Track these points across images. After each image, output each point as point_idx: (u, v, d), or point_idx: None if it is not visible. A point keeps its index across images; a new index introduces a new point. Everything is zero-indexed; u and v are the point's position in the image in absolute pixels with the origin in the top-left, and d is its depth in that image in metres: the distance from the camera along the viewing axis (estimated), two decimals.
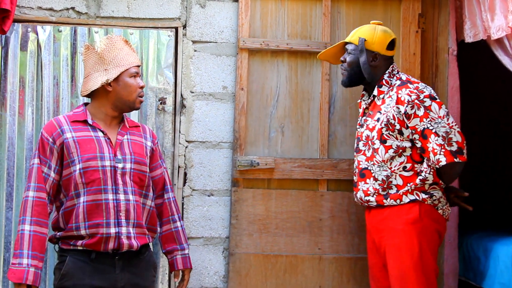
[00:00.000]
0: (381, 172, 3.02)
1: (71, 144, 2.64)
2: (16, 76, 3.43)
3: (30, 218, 2.56)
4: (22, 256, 2.52)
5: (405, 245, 2.95)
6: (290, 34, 3.61)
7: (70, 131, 2.66)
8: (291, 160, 3.54)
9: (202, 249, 3.53)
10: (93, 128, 2.70)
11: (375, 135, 3.03)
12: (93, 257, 2.61)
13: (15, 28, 3.42)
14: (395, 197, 3.00)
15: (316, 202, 3.52)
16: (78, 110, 2.76)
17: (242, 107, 3.53)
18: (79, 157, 2.62)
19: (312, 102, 3.60)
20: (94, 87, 2.68)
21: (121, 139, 2.74)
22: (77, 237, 2.61)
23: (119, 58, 2.71)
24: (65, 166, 2.65)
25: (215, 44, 3.59)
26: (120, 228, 2.63)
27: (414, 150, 3.01)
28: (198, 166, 3.54)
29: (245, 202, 3.51)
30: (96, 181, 2.62)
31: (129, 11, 3.56)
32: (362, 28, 3.17)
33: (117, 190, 2.65)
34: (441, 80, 3.65)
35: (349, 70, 3.13)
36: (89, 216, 2.60)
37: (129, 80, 2.72)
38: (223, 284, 3.53)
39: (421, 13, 3.63)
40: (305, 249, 3.52)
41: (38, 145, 2.66)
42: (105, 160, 2.65)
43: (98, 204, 2.62)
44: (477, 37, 3.39)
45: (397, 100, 2.97)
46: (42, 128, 2.70)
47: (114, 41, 2.74)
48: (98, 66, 2.70)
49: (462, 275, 3.99)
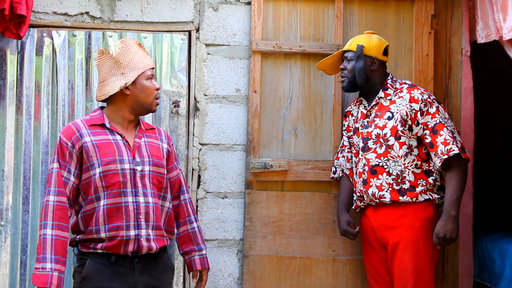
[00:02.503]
0: (396, 167, 3.13)
1: (90, 148, 2.65)
2: (32, 80, 3.47)
3: (52, 222, 2.57)
4: (45, 261, 2.53)
5: (422, 241, 3.10)
6: (303, 36, 3.62)
7: (89, 135, 2.67)
8: (305, 162, 3.54)
9: (216, 251, 3.54)
10: (111, 131, 2.71)
11: (388, 132, 3.15)
12: (113, 260, 2.62)
13: (30, 33, 3.46)
14: (411, 195, 3.11)
15: (329, 204, 3.52)
16: (95, 114, 2.77)
17: (255, 110, 3.55)
18: (98, 161, 2.63)
19: (325, 104, 3.60)
20: (112, 91, 2.69)
21: (139, 142, 2.76)
22: (97, 240, 2.62)
23: (135, 61, 2.73)
24: (84, 170, 2.65)
25: (228, 47, 3.61)
26: (140, 231, 2.64)
27: (421, 148, 3.15)
28: (212, 168, 3.56)
29: (259, 204, 3.52)
30: (116, 184, 2.64)
31: (143, 15, 3.58)
32: (359, 37, 3.31)
33: (136, 192, 2.67)
34: (454, 81, 3.64)
35: (350, 77, 3.24)
36: (109, 219, 2.61)
37: (146, 82, 2.74)
38: (237, 286, 3.54)
39: (434, 14, 3.62)
40: (319, 250, 3.52)
41: (57, 150, 2.66)
42: (124, 163, 2.66)
43: (118, 207, 2.63)
44: (489, 37, 3.37)
45: (411, 99, 3.14)
46: (60, 133, 2.70)
47: (129, 45, 2.75)
48: (114, 70, 2.71)
49: (477, 276, 3.98)
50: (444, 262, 3.54)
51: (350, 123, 3.40)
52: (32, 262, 3.39)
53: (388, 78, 3.28)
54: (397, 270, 3.11)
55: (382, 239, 3.19)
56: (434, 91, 3.57)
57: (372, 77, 3.25)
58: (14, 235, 3.41)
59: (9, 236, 3.40)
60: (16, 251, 3.40)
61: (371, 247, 3.26)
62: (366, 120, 3.26)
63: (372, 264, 3.26)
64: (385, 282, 3.22)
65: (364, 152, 3.21)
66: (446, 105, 3.62)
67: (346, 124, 3.43)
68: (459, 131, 3.57)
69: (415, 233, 3.10)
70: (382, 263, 3.22)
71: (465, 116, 3.57)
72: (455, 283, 3.55)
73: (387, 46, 3.30)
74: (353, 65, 3.23)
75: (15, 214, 3.41)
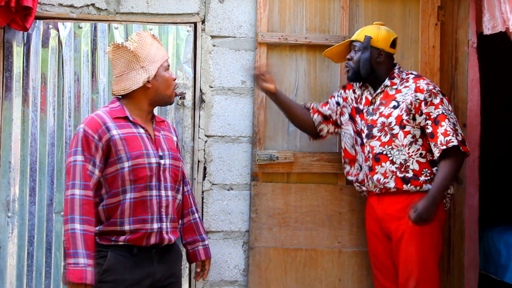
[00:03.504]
0: (400, 156, 3.14)
1: (118, 141, 2.62)
2: (38, 72, 3.48)
3: (79, 216, 2.54)
4: (78, 256, 2.50)
5: (427, 231, 3.10)
6: (309, 28, 3.61)
7: (116, 128, 2.64)
8: (310, 154, 3.54)
9: (222, 243, 3.55)
10: (134, 124, 2.70)
11: (392, 121, 3.15)
12: (135, 252, 2.64)
13: (36, 25, 3.47)
14: (415, 184, 3.12)
15: (335, 196, 3.53)
16: (114, 106, 2.73)
17: (261, 102, 3.55)
18: (127, 154, 2.62)
19: None
20: (135, 86, 2.68)
21: (158, 135, 2.77)
22: (120, 232, 2.62)
23: (152, 53, 2.72)
24: (110, 163, 2.63)
25: (234, 39, 3.61)
26: (162, 224, 2.67)
27: (425, 138, 3.16)
28: (218, 160, 3.56)
29: (265, 196, 3.53)
30: (143, 178, 2.64)
31: (148, 6, 3.58)
32: (367, 27, 3.30)
33: (159, 186, 2.69)
34: (460, 72, 3.63)
35: (355, 68, 3.24)
36: (134, 212, 2.62)
37: (165, 74, 2.75)
38: (243, 278, 3.55)
39: (440, 6, 3.61)
40: (324, 242, 3.53)
41: (81, 142, 2.59)
42: (151, 157, 2.66)
43: (144, 200, 2.64)
44: (496, 29, 3.36)
45: (416, 89, 3.15)
46: (84, 124, 2.63)
47: (144, 37, 2.74)
48: (133, 64, 2.69)
49: (483, 268, 3.98)
50: (449, 254, 3.54)
51: (350, 97, 3.37)
52: (39, 253, 3.41)
53: (395, 68, 3.28)
54: (402, 261, 3.12)
55: (387, 229, 3.19)
56: (440, 82, 3.56)
57: (377, 69, 3.25)
58: (21, 227, 3.43)
59: (16, 228, 3.42)
60: (23, 242, 3.42)
61: (376, 237, 3.26)
62: (371, 108, 3.25)
63: (377, 255, 3.27)
64: (389, 273, 3.23)
65: (368, 139, 3.22)
66: (452, 97, 3.61)
67: (344, 94, 3.39)
68: (465, 123, 3.56)
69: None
70: (387, 254, 3.22)
71: (471, 108, 3.57)
72: (461, 275, 3.55)
73: (395, 38, 3.29)
74: (359, 56, 3.22)
75: (22, 205, 3.43)
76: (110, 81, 3.49)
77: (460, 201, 3.56)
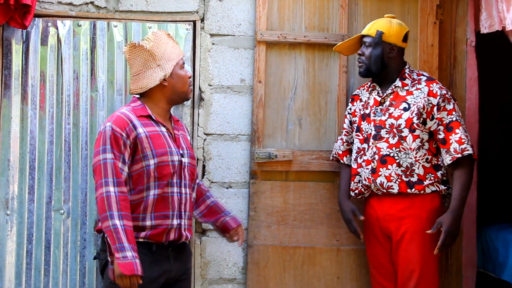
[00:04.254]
0: (406, 159, 3.13)
1: (144, 139, 2.68)
2: (37, 70, 3.47)
3: (118, 213, 2.58)
4: (125, 250, 2.55)
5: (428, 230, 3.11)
6: (308, 26, 3.61)
7: (141, 126, 2.70)
8: (309, 152, 3.55)
9: (220, 241, 3.55)
10: (156, 123, 2.76)
11: (402, 123, 3.13)
12: (154, 250, 2.70)
13: (35, 23, 3.46)
14: (419, 188, 3.12)
15: (334, 194, 3.53)
16: (136, 105, 2.78)
17: (260, 100, 3.55)
18: (153, 152, 2.68)
19: (330, 95, 3.61)
20: (151, 84, 2.74)
21: (178, 133, 2.85)
22: (140, 228, 2.68)
23: (168, 52, 2.78)
24: (136, 160, 2.68)
25: (233, 37, 3.61)
26: (181, 220, 2.75)
27: (431, 142, 3.15)
28: (217, 158, 3.57)
29: (263, 194, 3.53)
30: (167, 175, 2.71)
31: (148, 4, 3.58)
32: (379, 21, 3.25)
33: (180, 183, 2.76)
34: (459, 71, 3.63)
35: (368, 63, 3.20)
36: (156, 208, 2.69)
37: (181, 71, 2.81)
38: (241, 276, 3.56)
39: (439, 4, 3.61)
40: (323, 240, 3.54)
41: (110, 140, 2.64)
42: (173, 155, 2.74)
43: (165, 197, 2.71)
44: (493, 28, 3.36)
45: (429, 93, 3.14)
46: (111, 123, 2.68)
47: (160, 36, 2.80)
48: (150, 63, 2.75)
49: (481, 266, 3.99)
50: (447, 252, 3.55)
51: (358, 107, 3.35)
52: (37, 251, 3.41)
53: (406, 67, 3.25)
54: (403, 260, 3.12)
55: (387, 229, 3.19)
56: (439, 81, 3.56)
57: (389, 64, 3.21)
58: (20, 224, 3.42)
59: (15, 225, 3.42)
60: (22, 240, 3.42)
61: (375, 237, 3.26)
62: (380, 108, 3.22)
63: (375, 255, 3.27)
64: (387, 272, 3.23)
65: (375, 141, 3.19)
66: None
67: (353, 108, 3.38)
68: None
69: (422, 223, 3.11)
70: (386, 254, 3.23)
71: (470, 107, 3.57)
72: (459, 273, 3.56)
73: (407, 32, 3.26)
74: (371, 52, 3.19)
75: (20, 203, 3.43)
76: (109, 79, 3.49)
77: None
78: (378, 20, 3.26)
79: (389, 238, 3.21)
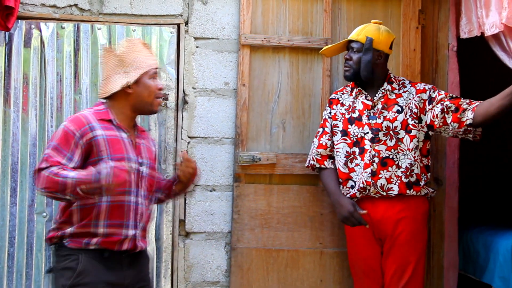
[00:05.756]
0: (405, 160, 3.18)
1: (101, 142, 2.59)
2: (20, 72, 3.46)
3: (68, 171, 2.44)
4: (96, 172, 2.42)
5: (421, 233, 3.24)
6: (292, 30, 3.63)
7: (100, 129, 2.62)
8: (293, 156, 3.57)
9: (204, 243, 3.56)
10: (117, 128, 2.68)
11: (398, 125, 3.19)
12: (106, 256, 2.60)
13: (18, 25, 3.45)
14: (416, 189, 3.19)
15: (317, 197, 3.55)
16: (99, 109, 2.71)
17: (243, 103, 3.56)
18: (109, 156, 2.59)
19: (313, 98, 3.63)
20: (114, 89, 2.67)
21: (140, 142, 2.76)
22: (92, 234, 2.58)
23: (139, 60, 2.71)
24: (90, 163, 2.57)
25: (217, 40, 3.62)
26: (136, 231, 2.65)
27: (425, 143, 3.25)
28: (200, 161, 3.57)
29: (247, 197, 3.54)
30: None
31: (132, 7, 3.58)
32: (367, 27, 3.27)
33: (137, 193, 2.67)
34: (441, 75, 3.67)
35: (355, 68, 3.22)
36: (110, 216, 2.59)
37: (149, 81, 2.71)
38: (225, 279, 3.56)
39: (421, 9, 3.65)
40: (306, 243, 3.55)
41: (59, 138, 2.55)
42: (131, 162, 2.64)
43: (121, 205, 2.62)
44: (472, 33, 3.40)
45: (417, 91, 3.25)
46: (66, 121, 2.61)
47: (134, 44, 2.74)
48: (118, 69, 2.69)
49: (462, 269, 4.02)
50: (429, 254, 3.58)
51: (339, 111, 3.34)
52: (19, 255, 3.39)
53: (389, 72, 3.33)
54: (396, 260, 3.16)
55: (382, 232, 3.20)
56: None
57: (376, 70, 3.24)
58: (1, 227, 3.40)
59: None
60: (4, 243, 3.40)
61: (367, 241, 3.24)
62: (372, 111, 3.24)
63: (367, 259, 3.24)
64: (376, 275, 3.24)
65: (373, 144, 3.20)
66: None
67: (333, 112, 3.36)
68: None
69: (417, 224, 3.20)
70: (377, 257, 3.23)
71: None
72: (440, 275, 3.59)
73: (394, 39, 3.31)
74: (359, 57, 3.20)
75: (2, 206, 3.41)
76: (93, 81, 3.49)
77: (440, 202, 3.60)
78: (367, 26, 3.28)
79: (380, 240, 3.22)
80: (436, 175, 3.58)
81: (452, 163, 3.60)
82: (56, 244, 2.62)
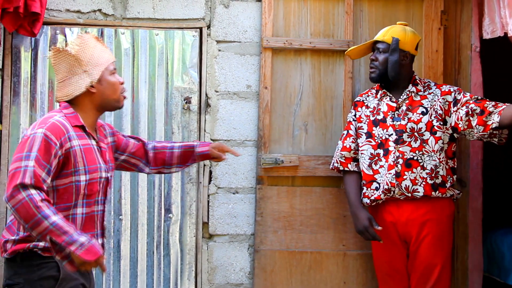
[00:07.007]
0: (430, 162, 3.17)
1: (77, 152, 2.45)
2: (45, 77, 3.51)
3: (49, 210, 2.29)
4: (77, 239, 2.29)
5: (447, 235, 3.24)
6: (313, 32, 3.64)
7: (76, 139, 2.46)
8: (315, 158, 3.57)
9: (227, 246, 3.58)
10: (88, 135, 2.53)
11: (423, 127, 3.18)
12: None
13: (44, 31, 3.50)
14: (442, 191, 3.18)
15: (340, 199, 3.55)
16: (69, 112, 2.52)
17: (266, 106, 3.58)
18: (86, 167, 2.47)
19: (335, 100, 3.63)
20: (78, 91, 2.51)
21: (105, 147, 2.64)
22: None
23: (96, 56, 2.54)
24: (65, 174, 2.43)
25: (239, 43, 3.64)
26: (104, 239, 2.60)
27: (450, 145, 3.24)
28: (223, 164, 3.59)
29: (270, 200, 3.55)
30: (95, 193, 2.52)
31: (155, 12, 3.62)
32: (393, 28, 3.27)
33: (103, 201, 2.59)
34: (464, 76, 3.66)
35: (381, 69, 3.22)
36: (83, 228, 2.50)
37: (111, 78, 2.57)
38: (248, 281, 3.58)
39: (444, 10, 3.63)
40: (329, 245, 3.55)
41: (39, 147, 2.35)
42: (102, 172, 2.54)
43: (92, 216, 2.54)
44: (495, 33, 3.38)
45: (442, 93, 3.23)
46: (44, 129, 2.38)
47: (86, 40, 2.56)
48: (75, 69, 2.52)
49: (486, 271, 3.99)
50: (454, 256, 3.56)
51: (364, 113, 3.33)
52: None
53: (414, 73, 3.32)
54: (422, 263, 3.16)
55: (407, 234, 3.19)
56: None
57: (401, 71, 3.24)
58: None
59: None
60: None
61: (392, 243, 3.23)
62: (396, 113, 3.24)
63: (392, 261, 3.24)
64: (402, 277, 3.23)
65: (397, 145, 3.20)
66: None
67: (358, 114, 3.36)
68: None
69: (443, 227, 3.19)
70: (402, 259, 3.23)
71: None
72: (465, 277, 3.57)
73: (419, 40, 3.31)
74: (385, 58, 3.20)
75: None
76: None
77: (463, 204, 3.58)
78: (393, 27, 3.28)
79: (406, 243, 3.22)
80: (459, 176, 3.55)
81: (476, 164, 3.58)
82: (22, 254, 2.45)
